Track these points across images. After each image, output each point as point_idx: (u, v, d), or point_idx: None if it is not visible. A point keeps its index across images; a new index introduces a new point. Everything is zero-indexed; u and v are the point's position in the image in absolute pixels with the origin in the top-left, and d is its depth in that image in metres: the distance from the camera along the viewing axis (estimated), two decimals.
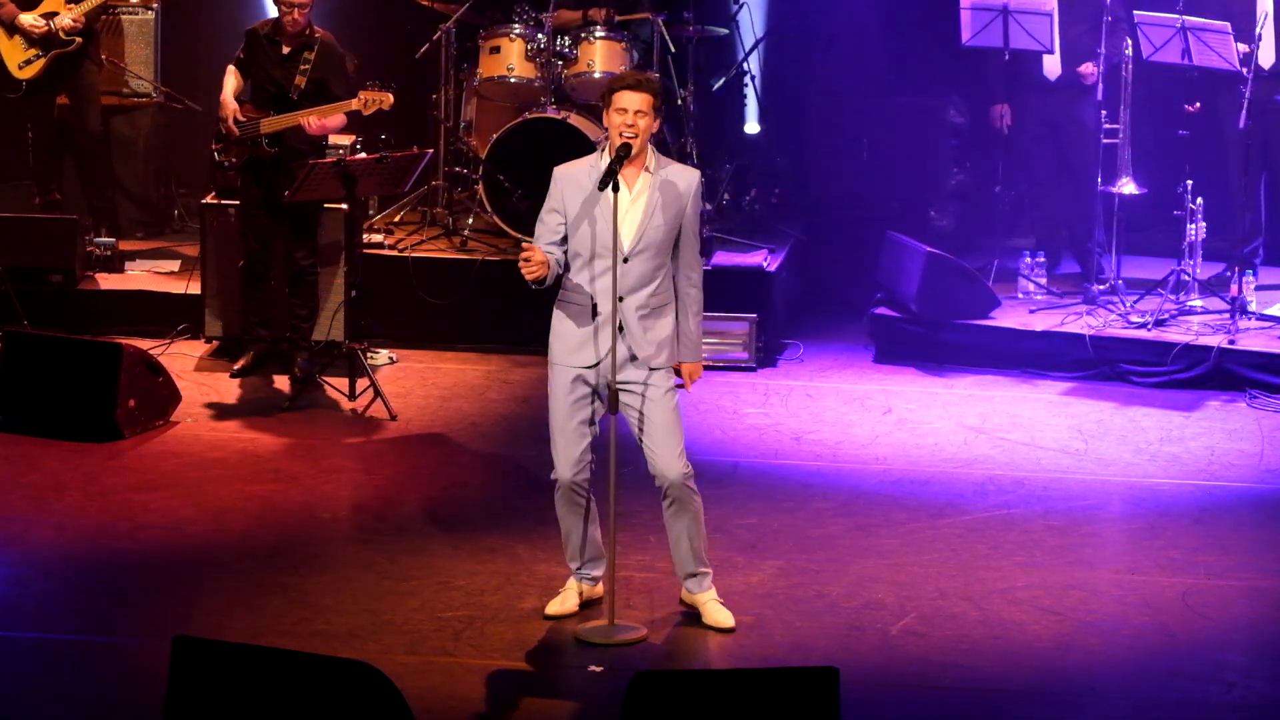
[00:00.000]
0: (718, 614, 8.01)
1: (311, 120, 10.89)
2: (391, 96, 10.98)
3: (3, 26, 12.39)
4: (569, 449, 7.90)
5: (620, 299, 7.77)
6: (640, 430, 7.87)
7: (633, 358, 7.80)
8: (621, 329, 7.77)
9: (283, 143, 11.02)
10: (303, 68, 11.00)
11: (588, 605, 8.12)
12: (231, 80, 11.14)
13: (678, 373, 8.00)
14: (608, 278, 7.73)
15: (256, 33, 11.17)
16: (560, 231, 7.83)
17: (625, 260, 7.75)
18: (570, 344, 7.86)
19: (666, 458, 7.86)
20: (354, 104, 10.99)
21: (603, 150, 7.82)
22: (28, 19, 12.33)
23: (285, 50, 11.05)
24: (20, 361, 10.52)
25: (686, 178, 7.87)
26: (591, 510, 8.02)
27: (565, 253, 7.84)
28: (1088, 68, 12.03)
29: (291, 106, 10.97)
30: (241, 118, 11.03)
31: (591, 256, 7.78)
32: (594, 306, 7.79)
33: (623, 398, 7.84)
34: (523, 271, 7.74)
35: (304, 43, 11.03)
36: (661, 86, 7.91)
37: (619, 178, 7.68)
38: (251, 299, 11.44)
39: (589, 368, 7.84)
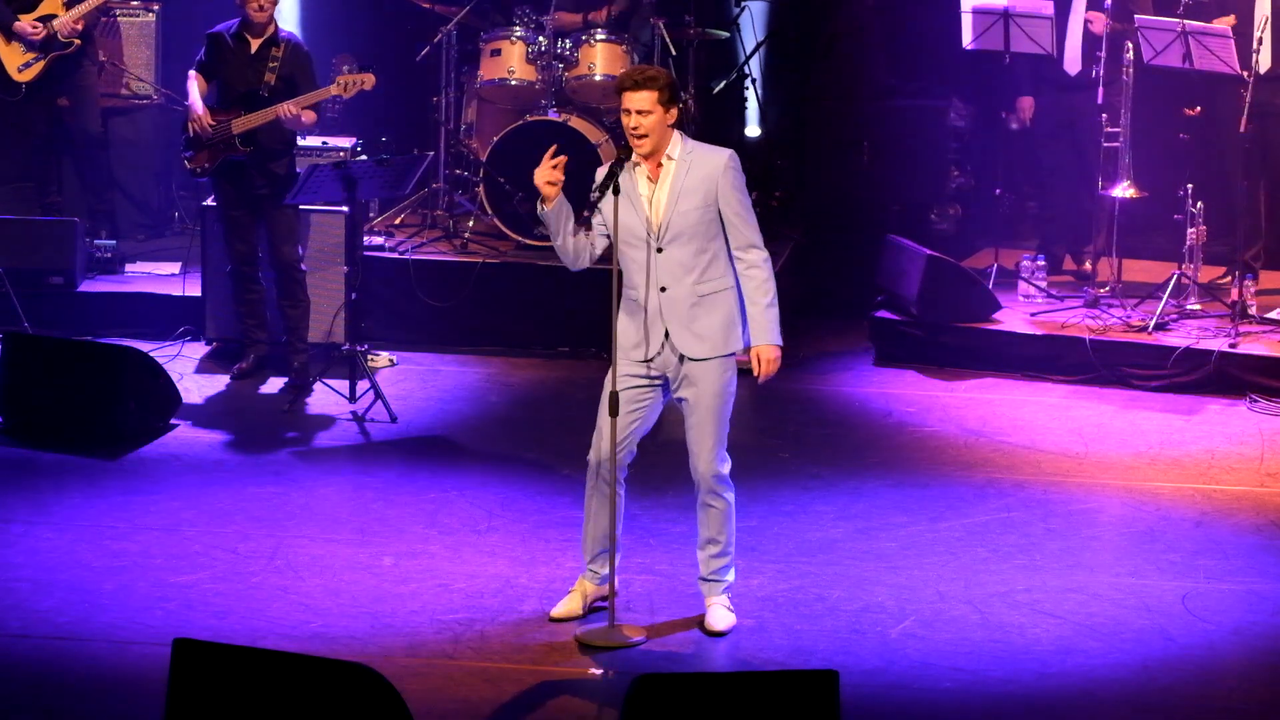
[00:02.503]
0: (714, 617, 8.01)
1: (289, 110, 10.85)
2: (372, 76, 10.95)
3: (1, 31, 12.39)
4: (605, 435, 7.86)
5: (663, 289, 7.76)
6: (687, 420, 7.88)
7: (680, 357, 7.80)
8: (667, 332, 7.78)
9: (257, 141, 11.00)
10: (271, 65, 10.96)
11: (595, 607, 8.11)
12: (196, 85, 11.10)
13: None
14: (644, 271, 7.76)
15: (220, 35, 11.11)
16: (602, 227, 7.88)
17: (659, 250, 7.75)
18: (628, 338, 7.86)
19: (699, 453, 7.88)
20: (333, 89, 10.96)
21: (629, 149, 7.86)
22: (26, 25, 12.33)
23: (253, 48, 11.01)
24: (21, 364, 10.51)
25: (715, 159, 7.81)
26: (618, 504, 7.99)
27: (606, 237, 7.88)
28: (1097, 19, 11.92)
29: (262, 103, 10.94)
30: (212, 121, 11.00)
31: (630, 250, 7.81)
32: (638, 299, 7.82)
33: (674, 385, 7.86)
34: (540, 181, 7.68)
35: (270, 39, 11.01)
36: (669, 78, 7.86)
37: (638, 171, 7.76)
38: (245, 302, 11.42)
39: (643, 362, 7.85)
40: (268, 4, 10.93)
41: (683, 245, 7.77)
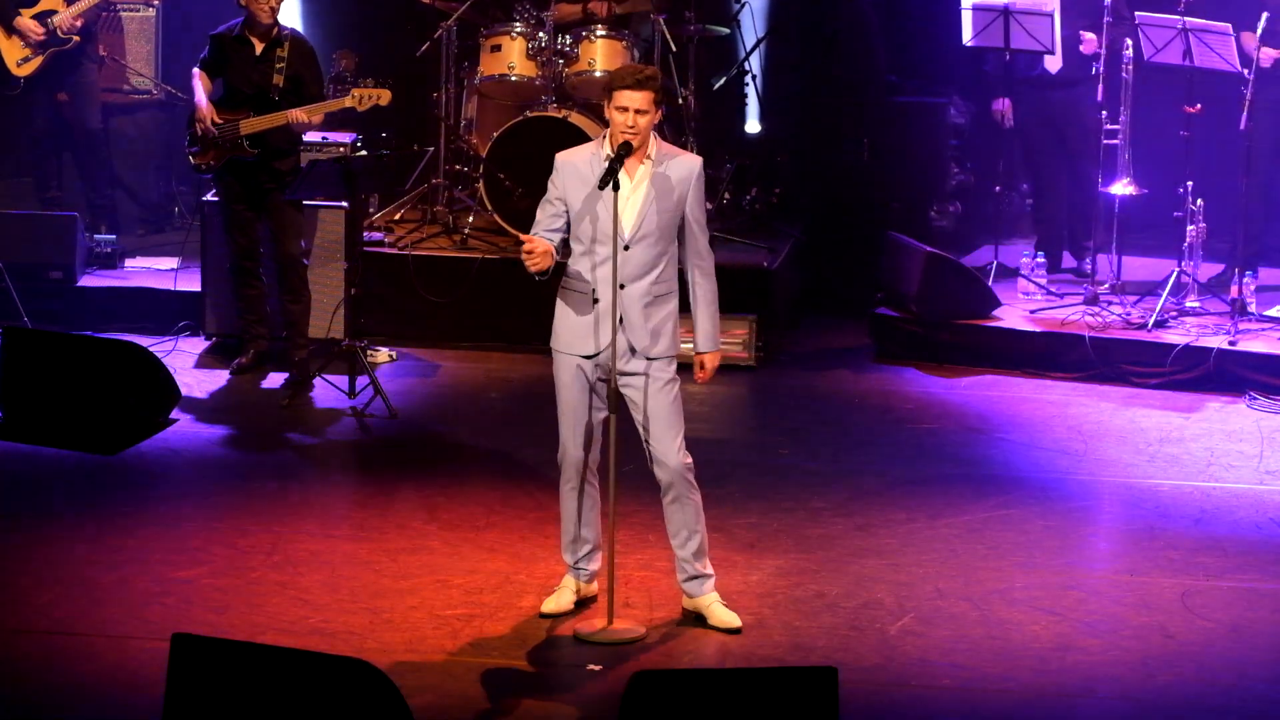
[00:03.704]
0: (723, 615, 7.99)
1: (300, 116, 10.85)
2: (389, 93, 10.95)
3: (2, 25, 12.40)
4: (577, 432, 7.89)
5: (621, 286, 7.77)
6: (640, 420, 7.87)
7: (632, 349, 7.81)
8: (621, 320, 7.78)
9: (265, 143, 10.99)
10: (279, 65, 10.97)
11: (583, 604, 8.13)
12: (202, 84, 11.10)
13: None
14: (608, 267, 7.72)
15: (223, 38, 11.11)
16: (561, 219, 7.84)
17: (626, 248, 7.76)
18: (572, 333, 7.86)
19: (665, 449, 7.85)
20: (348, 101, 10.98)
21: (603, 139, 7.82)
22: (28, 23, 12.34)
23: (258, 50, 11.01)
24: (20, 359, 10.51)
25: (686, 165, 7.86)
26: (595, 499, 8.00)
27: (564, 239, 7.85)
28: (1089, 41, 12.00)
29: (271, 105, 10.94)
30: (219, 120, 10.99)
31: (592, 245, 7.78)
32: (594, 295, 7.79)
33: (622, 386, 7.85)
34: (526, 264, 7.74)
35: (275, 39, 11.01)
36: (662, 80, 7.89)
37: (620, 169, 7.72)
38: (245, 297, 11.43)
39: (589, 358, 7.84)
40: (275, 4, 10.93)
41: (649, 246, 7.79)
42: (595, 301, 7.79)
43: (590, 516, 8.04)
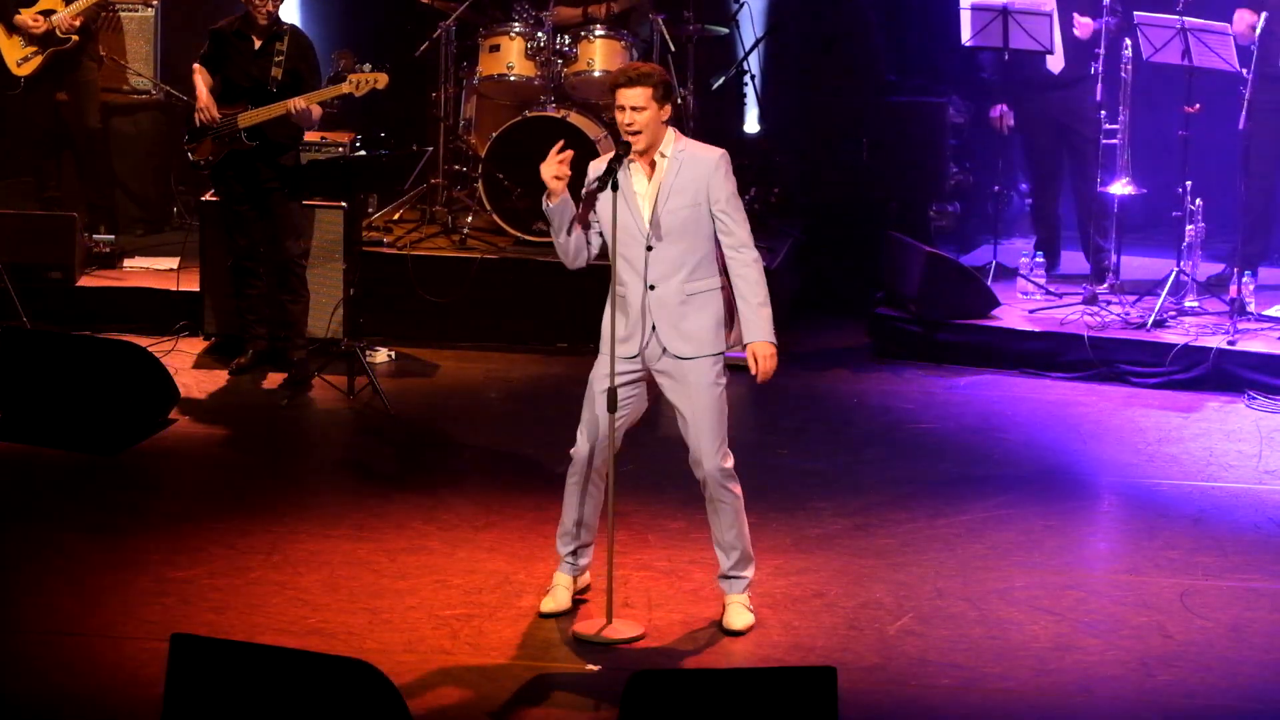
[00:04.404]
0: (731, 615, 7.97)
1: (299, 105, 10.84)
2: (385, 76, 10.94)
3: (2, 24, 12.41)
4: (593, 429, 7.87)
5: (652, 287, 7.77)
6: (680, 420, 7.86)
7: (662, 348, 7.80)
8: (653, 324, 7.77)
9: (263, 135, 10.99)
10: (277, 59, 10.96)
11: (580, 597, 8.12)
12: (202, 77, 11.10)
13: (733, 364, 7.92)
14: (626, 267, 7.73)
15: (223, 32, 11.11)
16: (596, 224, 7.88)
17: (650, 247, 7.75)
18: (616, 334, 7.83)
19: (702, 450, 7.83)
20: (345, 87, 10.96)
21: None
22: (27, 17, 12.35)
23: (257, 45, 11.01)
24: (20, 358, 10.51)
25: (704, 158, 7.82)
26: (597, 500, 7.98)
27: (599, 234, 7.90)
28: (1083, 26, 12.00)
29: (269, 98, 10.93)
30: (217, 114, 11.00)
31: (621, 246, 7.78)
32: (624, 294, 7.78)
33: (664, 385, 7.85)
34: (547, 175, 7.66)
35: (274, 34, 11.01)
36: (662, 74, 7.86)
37: (633, 167, 7.75)
38: (245, 297, 11.42)
39: (630, 358, 7.83)
40: (273, 7, 10.92)
41: (672, 243, 7.77)
42: (632, 302, 7.78)
43: (589, 515, 8.02)
